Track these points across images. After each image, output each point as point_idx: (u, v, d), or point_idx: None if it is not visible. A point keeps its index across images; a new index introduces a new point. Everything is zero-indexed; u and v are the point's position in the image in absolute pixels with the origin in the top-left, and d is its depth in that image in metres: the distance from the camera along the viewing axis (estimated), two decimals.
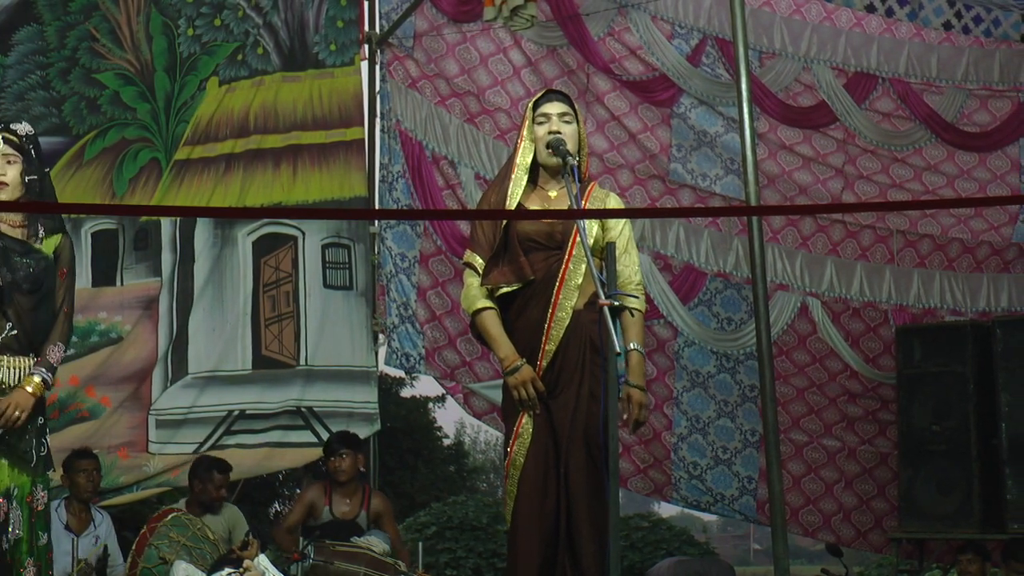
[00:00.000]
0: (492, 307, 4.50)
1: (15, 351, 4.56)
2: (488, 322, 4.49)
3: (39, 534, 4.59)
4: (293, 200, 7.91)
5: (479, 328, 4.55)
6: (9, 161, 4.56)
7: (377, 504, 6.94)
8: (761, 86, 8.09)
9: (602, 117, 8.27)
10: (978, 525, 7.45)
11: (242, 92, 7.86)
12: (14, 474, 4.52)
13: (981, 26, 8.53)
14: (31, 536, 4.54)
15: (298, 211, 9.38)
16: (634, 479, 8.37)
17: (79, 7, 7.47)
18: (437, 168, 8.13)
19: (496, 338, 4.47)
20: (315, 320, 7.90)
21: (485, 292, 4.52)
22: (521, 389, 4.38)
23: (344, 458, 6.87)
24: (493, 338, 4.48)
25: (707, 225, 8.40)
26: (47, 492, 4.66)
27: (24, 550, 4.53)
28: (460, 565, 13.47)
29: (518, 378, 4.38)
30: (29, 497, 4.55)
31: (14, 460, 4.52)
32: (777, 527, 5.47)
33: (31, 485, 4.55)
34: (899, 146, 8.60)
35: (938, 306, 8.68)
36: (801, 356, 8.52)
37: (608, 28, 8.17)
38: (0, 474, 4.50)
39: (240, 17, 7.86)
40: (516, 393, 4.39)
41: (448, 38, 8.14)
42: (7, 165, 4.56)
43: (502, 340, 4.46)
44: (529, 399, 4.38)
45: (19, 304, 4.55)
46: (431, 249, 8.12)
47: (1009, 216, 8.75)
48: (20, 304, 4.55)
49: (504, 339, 4.45)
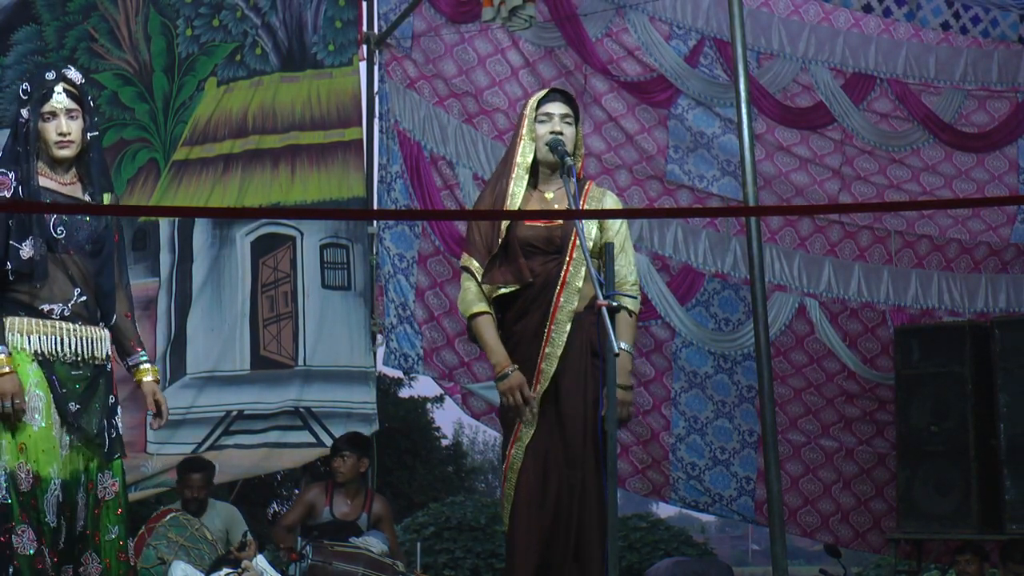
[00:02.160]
0: (487, 311, 4.50)
1: (86, 319, 4.25)
2: (482, 327, 4.50)
3: (107, 527, 4.24)
4: (291, 200, 7.91)
5: (474, 332, 4.55)
6: (72, 116, 4.25)
7: (378, 508, 6.94)
8: (759, 87, 8.09)
9: (600, 118, 8.27)
10: (976, 526, 7.45)
11: (240, 92, 7.86)
12: (84, 460, 4.21)
13: (979, 26, 8.53)
14: (95, 529, 4.22)
15: (296, 211, 9.38)
16: (632, 480, 8.38)
17: (77, 7, 7.47)
18: (435, 168, 8.13)
19: (489, 343, 4.48)
20: (313, 320, 7.90)
21: (481, 296, 4.52)
22: (509, 395, 4.39)
23: (345, 459, 6.88)
24: (486, 343, 4.49)
25: (705, 226, 8.40)
26: (118, 480, 4.31)
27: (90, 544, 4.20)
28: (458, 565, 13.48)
29: (507, 384, 4.40)
30: (91, 484, 4.22)
31: (85, 443, 4.21)
32: (775, 528, 5.47)
33: (97, 471, 4.24)
34: (897, 147, 8.60)
35: (936, 307, 8.68)
36: (799, 357, 8.53)
37: (606, 29, 8.17)
38: (73, 457, 4.18)
39: (238, 17, 7.86)
40: (505, 399, 4.41)
41: (446, 39, 8.14)
42: (71, 121, 4.25)
43: (495, 346, 4.46)
44: (517, 405, 4.39)
45: (84, 268, 4.24)
46: (429, 249, 8.12)
47: (1007, 217, 8.76)
48: (85, 268, 4.25)
49: (497, 345, 4.46)
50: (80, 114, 4.27)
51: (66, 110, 4.24)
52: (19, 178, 4.17)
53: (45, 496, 4.08)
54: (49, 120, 4.23)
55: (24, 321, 4.15)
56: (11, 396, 4.05)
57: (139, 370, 4.43)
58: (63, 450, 4.15)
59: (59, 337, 4.17)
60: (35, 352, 4.14)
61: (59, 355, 4.18)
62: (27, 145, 4.20)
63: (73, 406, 4.18)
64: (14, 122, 4.29)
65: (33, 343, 4.14)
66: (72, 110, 4.25)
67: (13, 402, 4.05)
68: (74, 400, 4.19)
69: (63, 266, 4.20)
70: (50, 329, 4.17)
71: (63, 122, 4.23)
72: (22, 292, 4.16)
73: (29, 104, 4.25)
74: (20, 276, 4.14)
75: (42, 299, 4.17)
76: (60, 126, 4.22)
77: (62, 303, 4.20)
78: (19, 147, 4.22)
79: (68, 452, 4.17)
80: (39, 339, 4.15)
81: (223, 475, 7.43)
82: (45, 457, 4.09)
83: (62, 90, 4.25)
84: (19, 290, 4.16)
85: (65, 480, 4.15)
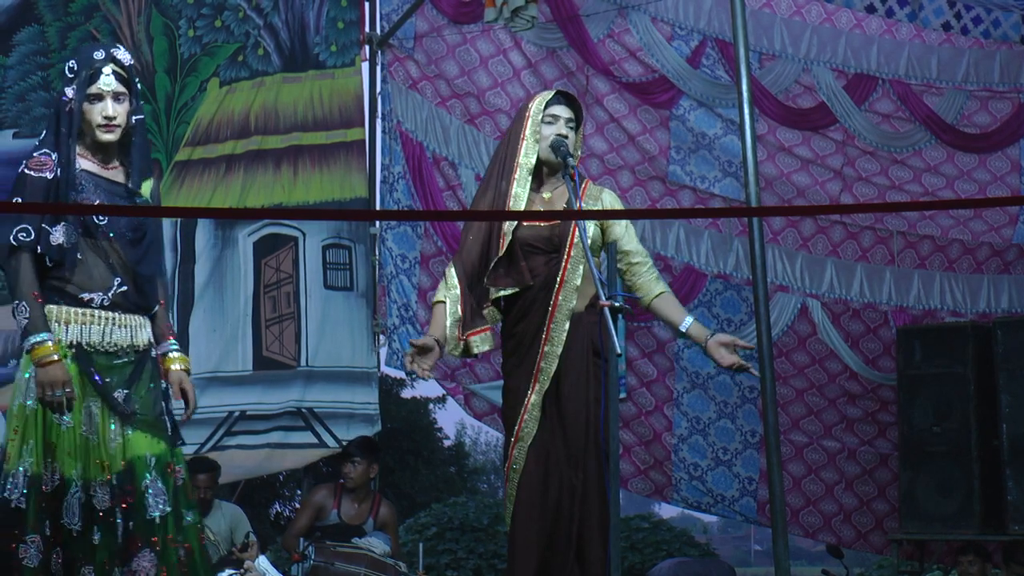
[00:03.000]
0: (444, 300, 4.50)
1: (126, 309, 4.10)
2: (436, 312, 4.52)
3: (183, 512, 4.10)
4: (294, 201, 7.92)
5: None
6: (119, 99, 4.10)
7: (385, 514, 6.94)
8: (761, 87, 8.09)
9: (601, 119, 8.27)
10: (979, 526, 7.45)
11: (242, 93, 7.87)
12: (151, 442, 4.06)
13: (981, 27, 8.53)
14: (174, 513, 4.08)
15: (299, 212, 9.38)
16: (634, 480, 8.38)
17: (80, 8, 7.48)
18: (438, 169, 8.14)
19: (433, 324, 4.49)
20: (316, 321, 7.91)
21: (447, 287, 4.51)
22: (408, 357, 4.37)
23: (356, 465, 6.88)
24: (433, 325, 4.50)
25: (707, 226, 8.40)
26: (182, 466, 4.16)
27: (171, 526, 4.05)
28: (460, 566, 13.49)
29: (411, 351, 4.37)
30: (169, 466, 4.09)
31: (147, 428, 4.07)
32: (778, 528, 5.47)
33: (169, 455, 4.10)
34: (899, 148, 8.59)
35: (938, 307, 8.68)
36: (801, 357, 8.53)
37: (608, 30, 8.17)
38: (137, 441, 4.04)
39: (241, 18, 7.87)
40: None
41: (448, 39, 8.14)
42: (117, 104, 4.10)
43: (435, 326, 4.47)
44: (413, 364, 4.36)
45: (124, 256, 4.10)
46: (432, 250, 8.13)
47: (1009, 217, 8.75)
48: (125, 256, 4.10)
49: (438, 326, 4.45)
50: (127, 97, 4.13)
51: (113, 93, 4.10)
52: (60, 160, 4.04)
53: (66, 499, 3.95)
54: (95, 102, 4.09)
55: (63, 310, 4.03)
56: (62, 384, 3.91)
57: (168, 358, 4.27)
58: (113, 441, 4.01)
59: (98, 327, 4.05)
60: (71, 343, 4.01)
61: (97, 345, 4.05)
62: (70, 125, 4.07)
63: (120, 393, 4.06)
64: (57, 101, 4.16)
65: (70, 332, 4.02)
66: (120, 93, 4.11)
67: (64, 390, 3.91)
68: (120, 387, 4.06)
69: (103, 254, 4.07)
70: (88, 318, 4.04)
71: (109, 105, 4.09)
72: (60, 280, 4.03)
73: (75, 83, 4.09)
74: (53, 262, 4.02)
75: (81, 287, 4.04)
76: (106, 109, 4.08)
77: (101, 292, 4.07)
78: (62, 127, 4.08)
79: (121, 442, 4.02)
80: (77, 329, 4.03)
81: (226, 476, 7.43)
82: (70, 459, 3.97)
83: (111, 71, 4.10)
84: (57, 277, 4.03)
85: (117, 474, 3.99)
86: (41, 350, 3.92)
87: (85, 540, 3.98)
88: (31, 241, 3.98)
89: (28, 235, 3.98)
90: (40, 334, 3.94)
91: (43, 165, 4.05)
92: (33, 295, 3.97)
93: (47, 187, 4.02)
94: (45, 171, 4.04)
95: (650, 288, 4.63)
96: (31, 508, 3.93)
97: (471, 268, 4.51)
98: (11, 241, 3.97)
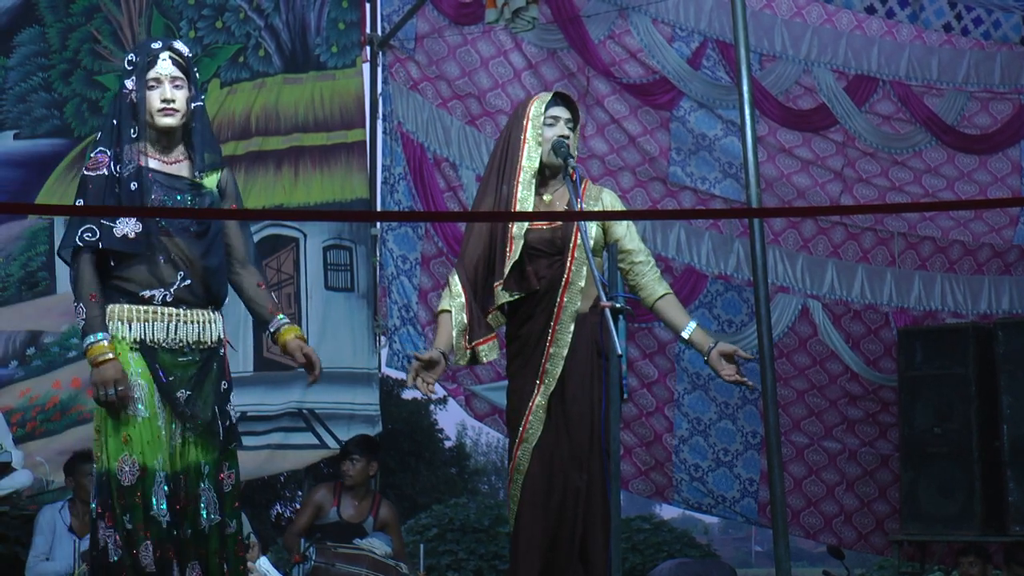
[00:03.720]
0: (449, 310, 4.46)
1: (191, 304, 4.05)
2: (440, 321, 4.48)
3: (227, 521, 4.08)
4: (295, 202, 7.92)
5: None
6: (177, 85, 4.07)
7: (385, 513, 6.93)
8: (761, 89, 8.09)
9: (602, 120, 8.28)
10: (980, 527, 7.45)
11: (243, 94, 7.87)
12: (203, 450, 4.03)
13: (981, 28, 8.52)
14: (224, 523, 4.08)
15: (299, 213, 9.38)
16: (635, 481, 8.38)
17: (81, 9, 7.48)
18: (438, 170, 8.14)
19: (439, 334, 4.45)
20: (316, 322, 7.91)
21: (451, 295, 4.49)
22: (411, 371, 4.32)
23: (355, 463, 6.88)
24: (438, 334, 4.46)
25: (708, 227, 8.41)
26: (234, 471, 4.14)
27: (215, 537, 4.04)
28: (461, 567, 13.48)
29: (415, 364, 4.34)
30: (221, 475, 4.07)
31: (203, 433, 4.04)
32: (778, 529, 5.47)
33: (218, 462, 4.07)
34: (899, 149, 8.59)
35: (939, 308, 8.68)
36: (802, 358, 8.53)
37: (608, 31, 8.17)
38: (189, 448, 4.01)
39: (241, 19, 7.87)
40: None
41: (449, 40, 8.14)
42: (175, 90, 4.07)
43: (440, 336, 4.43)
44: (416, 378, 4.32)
45: (187, 251, 4.05)
46: (432, 251, 8.13)
47: (1010, 218, 8.75)
48: (189, 251, 4.05)
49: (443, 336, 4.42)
50: (186, 84, 4.10)
51: (171, 77, 4.07)
52: (116, 155, 4.03)
53: (153, 488, 3.92)
54: (154, 88, 4.07)
55: (124, 308, 4.00)
56: (114, 383, 3.89)
57: (281, 332, 4.23)
58: (174, 440, 3.99)
59: (162, 323, 4.01)
60: (136, 340, 3.98)
61: (162, 342, 4.01)
62: (133, 118, 4.06)
63: (182, 394, 4.02)
64: (116, 95, 4.14)
65: (134, 331, 3.99)
66: (177, 78, 4.08)
67: (116, 389, 3.89)
68: (183, 387, 4.02)
69: (164, 250, 4.03)
70: (151, 315, 4.00)
71: (167, 89, 4.07)
72: (121, 279, 4.01)
73: (134, 73, 4.09)
74: (118, 258, 4.00)
75: (142, 284, 4.01)
76: (164, 92, 4.06)
77: (163, 288, 4.02)
78: (119, 121, 4.07)
79: (179, 444, 4.00)
80: (140, 327, 3.99)
81: None
82: (150, 448, 3.93)
83: (167, 57, 4.09)
84: (118, 276, 4.01)
85: (176, 473, 3.98)
86: (95, 349, 3.93)
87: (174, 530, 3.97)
88: (94, 240, 3.98)
89: (93, 235, 3.98)
90: (95, 334, 3.94)
91: (98, 164, 4.04)
92: (91, 296, 3.96)
93: (105, 184, 4.01)
94: (101, 168, 4.03)
95: (653, 289, 4.64)
96: (113, 504, 3.92)
97: (474, 274, 4.50)
98: (77, 242, 3.97)
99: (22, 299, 7.23)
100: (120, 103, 4.12)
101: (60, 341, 7.21)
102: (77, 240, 3.98)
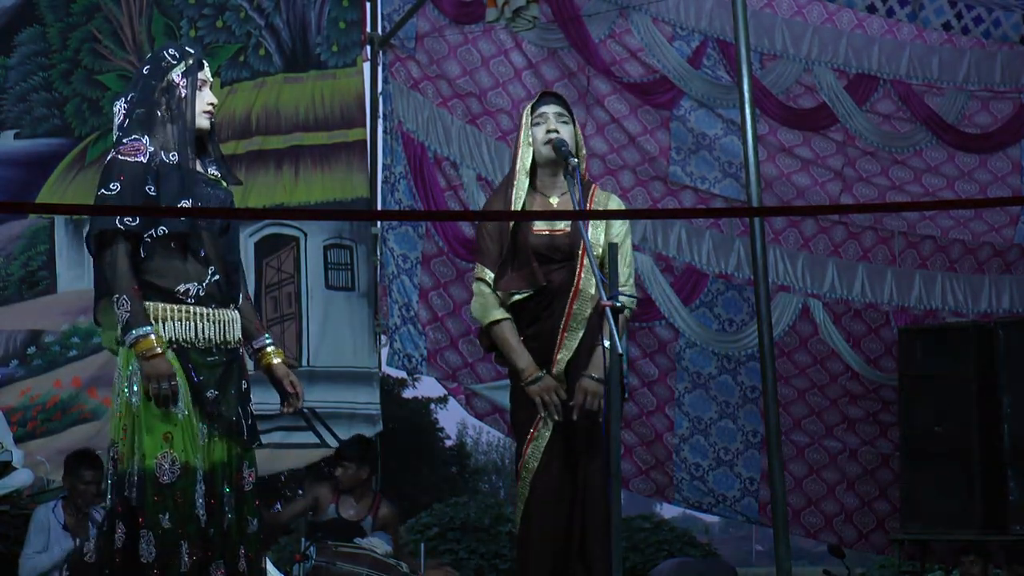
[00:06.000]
0: (508, 317, 4.48)
1: (219, 301, 4.07)
2: (507, 332, 4.48)
3: (248, 519, 4.07)
4: (295, 201, 7.92)
5: (495, 338, 4.51)
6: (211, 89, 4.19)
7: (385, 512, 6.94)
8: (761, 88, 8.09)
9: (602, 120, 8.28)
10: (980, 526, 7.45)
11: (244, 93, 7.87)
12: (230, 448, 4.05)
13: (981, 27, 8.52)
14: (239, 520, 4.05)
15: (300, 212, 9.38)
16: (636, 480, 8.38)
17: (81, 8, 7.48)
18: (439, 169, 8.14)
19: (515, 348, 4.45)
20: (317, 321, 7.91)
21: (498, 302, 4.50)
22: (545, 396, 4.38)
23: (346, 468, 6.90)
24: (512, 348, 4.46)
25: (709, 227, 8.41)
26: (254, 470, 4.14)
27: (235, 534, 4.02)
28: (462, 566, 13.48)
29: (542, 387, 4.38)
30: (238, 475, 4.07)
31: (227, 433, 4.04)
32: (779, 528, 5.47)
33: (238, 461, 4.07)
34: (899, 148, 8.59)
35: (940, 307, 8.68)
36: (802, 357, 8.53)
37: (609, 30, 8.17)
38: (215, 448, 4.02)
39: (242, 18, 7.87)
40: (541, 401, 4.38)
41: (450, 40, 8.14)
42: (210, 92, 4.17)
43: (521, 351, 4.45)
44: (554, 406, 4.38)
45: (216, 246, 4.08)
46: (433, 250, 8.13)
47: (1010, 217, 8.75)
48: (217, 246, 4.08)
49: (522, 350, 4.45)
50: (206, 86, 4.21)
51: (210, 83, 4.19)
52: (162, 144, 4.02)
53: (195, 487, 3.91)
54: (201, 88, 4.14)
55: (159, 307, 3.98)
56: (167, 377, 3.89)
57: (266, 353, 4.26)
58: (201, 440, 3.98)
59: (193, 323, 4.00)
60: (170, 340, 3.97)
61: (194, 341, 4.01)
62: (179, 112, 4.07)
63: (211, 394, 4.02)
64: (153, 87, 4.10)
65: (168, 330, 3.97)
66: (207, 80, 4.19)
67: (171, 383, 3.88)
68: (212, 388, 4.03)
69: (202, 243, 4.06)
70: (184, 314, 3.99)
71: (210, 92, 4.17)
72: (154, 272, 3.99)
73: (179, 70, 4.11)
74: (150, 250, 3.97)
75: (177, 278, 4.00)
76: (210, 96, 4.16)
77: (196, 282, 4.02)
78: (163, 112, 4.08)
79: (207, 443, 4.00)
80: (174, 326, 3.98)
81: None
82: (192, 446, 3.93)
83: (206, 64, 4.21)
84: (151, 270, 3.99)
85: (205, 472, 3.97)
86: (145, 343, 3.89)
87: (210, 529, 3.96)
88: (137, 226, 3.95)
89: (134, 219, 3.95)
90: (142, 327, 3.90)
91: (136, 150, 4.00)
92: (134, 289, 3.92)
93: (144, 171, 3.98)
94: (139, 155, 3.99)
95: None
96: (147, 503, 3.88)
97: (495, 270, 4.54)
98: (117, 225, 3.92)
99: (22, 298, 7.23)
100: (165, 95, 4.09)
101: (61, 340, 7.21)
102: (118, 223, 3.92)
